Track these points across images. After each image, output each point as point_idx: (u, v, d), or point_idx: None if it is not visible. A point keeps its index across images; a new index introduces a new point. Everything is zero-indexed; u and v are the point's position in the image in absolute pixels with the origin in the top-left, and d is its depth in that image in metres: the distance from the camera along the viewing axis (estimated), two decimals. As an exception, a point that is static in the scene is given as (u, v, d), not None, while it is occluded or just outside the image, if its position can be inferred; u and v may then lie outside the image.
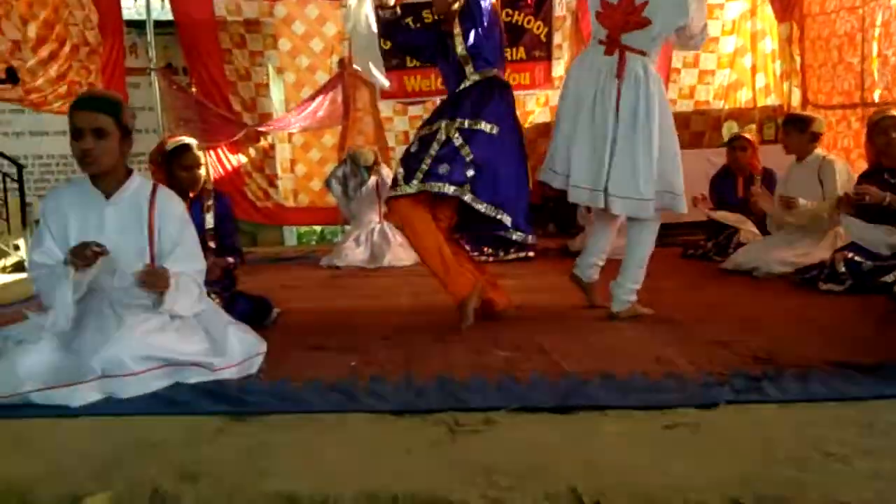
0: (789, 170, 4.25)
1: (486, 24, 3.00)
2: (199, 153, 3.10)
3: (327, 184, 5.91)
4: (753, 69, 7.03)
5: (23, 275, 5.26)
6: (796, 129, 4.11)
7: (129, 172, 2.33)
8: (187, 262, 2.33)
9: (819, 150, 4.12)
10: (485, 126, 2.89)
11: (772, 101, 6.91)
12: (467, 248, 5.34)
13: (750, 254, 4.16)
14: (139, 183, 2.34)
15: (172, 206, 2.37)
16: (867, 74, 5.29)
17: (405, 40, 3.36)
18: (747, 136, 5.05)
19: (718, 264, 4.42)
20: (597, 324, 2.92)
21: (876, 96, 5.19)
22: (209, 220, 3.07)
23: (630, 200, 2.86)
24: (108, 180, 2.27)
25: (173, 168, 3.04)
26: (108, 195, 2.27)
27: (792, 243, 4.02)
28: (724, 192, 5.03)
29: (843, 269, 3.35)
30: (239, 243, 3.32)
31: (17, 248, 6.09)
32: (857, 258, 3.38)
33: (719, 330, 2.67)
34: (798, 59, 6.36)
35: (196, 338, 2.24)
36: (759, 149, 5.17)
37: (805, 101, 6.29)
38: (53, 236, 2.24)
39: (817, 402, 1.82)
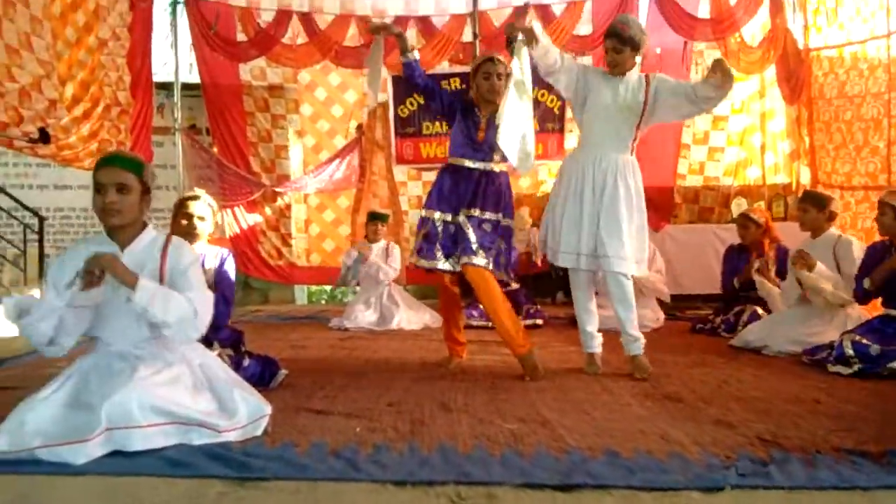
0: (803, 246, 4.28)
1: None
2: (207, 208, 3.19)
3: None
4: (763, 148, 7.17)
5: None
6: (815, 207, 4.14)
7: (144, 226, 2.41)
8: (188, 292, 2.33)
9: (834, 229, 4.16)
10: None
11: (781, 179, 7.02)
12: (475, 314, 5.38)
13: (759, 332, 4.16)
14: (153, 235, 2.41)
15: (184, 254, 2.42)
16: (896, 158, 5.43)
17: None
18: (755, 214, 5.09)
19: (727, 341, 4.41)
20: (603, 397, 2.91)
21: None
22: (208, 276, 3.12)
23: None
24: (124, 233, 2.35)
25: (178, 215, 3.14)
26: (122, 247, 2.34)
27: (801, 322, 4.01)
28: (737, 267, 5.06)
29: (850, 352, 3.34)
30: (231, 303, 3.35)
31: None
32: (864, 341, 3.37)
33: (726, 410, 2.65)
34: (807, 139, 6.50)
35: (204, 397, 2.26)
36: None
37: (815, 181, 6.39)
38: (59, 293, 2.22)
39: (824, 489, 1.81)
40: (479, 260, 3.38)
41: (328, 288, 10.50)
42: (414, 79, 3.55)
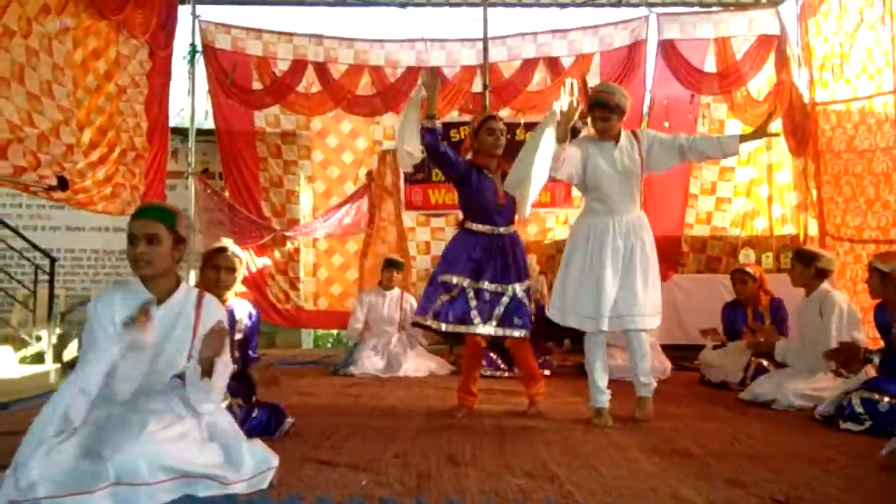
0: (800, 302, 4.28)
1: None
2: (235, 259, 3.21)
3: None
4: (769, 199, 7.21)
5: (42, 367, 5.32)
6: (801, 264, 4.16)
7: (179, 281, 2.44)
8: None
9: (825, 286, 4.11)
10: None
11: (788, 230, 7.04)
12: (483, 363, 5.37)
13: (767, 386, 4.11)
14: (186, 290, 2.45)
15: (216, 314, 2.46)
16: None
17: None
18: (749, 269, 5.07)
19: (735, 393, 4.36)
20: (610, 451, 2.88)
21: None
22: (238, 326, 3.16)
23: None
24: (160, 284, 2.37)
25: (206, 268, 3.17)
26: (158, 301, 2.36)
27: (808, 377, 3.98)
28: (735, 321, 5.05)
29: (860, 410, 3.30)
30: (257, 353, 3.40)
31: (38, 339, 6.19)
32: (873, 396, 3.33)
33: (737, 468, 2.62)
34: (814, 191, 6.54)
35: (211, 449, 2.25)
36: (776, 277, 5.24)
37: (823, 233, 6.40)
38: (107, 335, 2.25)
39: (837, 554, 1.78)
40: (526, 331, 3.65)
41: (335, 332, 10.47)
42: (434, 143, 3.59)
